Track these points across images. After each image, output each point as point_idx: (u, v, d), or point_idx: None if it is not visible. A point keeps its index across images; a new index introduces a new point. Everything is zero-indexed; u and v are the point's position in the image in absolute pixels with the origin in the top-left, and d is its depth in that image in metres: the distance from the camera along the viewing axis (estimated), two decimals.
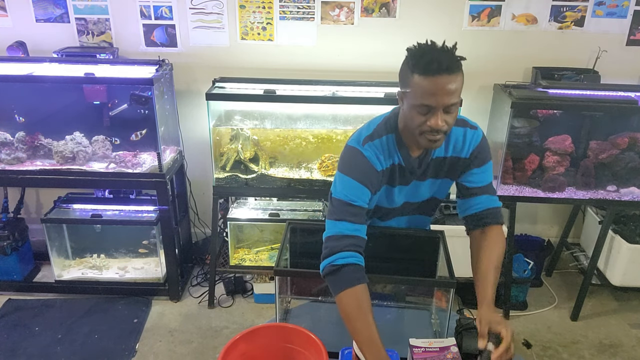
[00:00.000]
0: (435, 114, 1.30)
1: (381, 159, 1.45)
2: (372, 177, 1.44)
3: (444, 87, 1.26)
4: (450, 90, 1.27)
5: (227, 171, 2.74)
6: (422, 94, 1.28)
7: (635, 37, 2.88)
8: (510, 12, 2.83)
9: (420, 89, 1.28)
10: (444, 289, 1.54)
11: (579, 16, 2.83)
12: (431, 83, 1.26)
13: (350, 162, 1.45)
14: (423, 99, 1.29)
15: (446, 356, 1.31)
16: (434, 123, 1.30)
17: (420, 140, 1.37)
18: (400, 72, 1.37)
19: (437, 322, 1.63)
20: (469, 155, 1.49)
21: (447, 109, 1.30)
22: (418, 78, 1.28)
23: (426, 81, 1.26)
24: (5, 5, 2.86)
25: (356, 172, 1.43)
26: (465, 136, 1.48)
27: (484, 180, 1.53)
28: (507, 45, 2.89)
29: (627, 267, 2.69)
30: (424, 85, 1.27)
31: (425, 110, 1.30)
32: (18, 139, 2.79)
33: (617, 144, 2.64)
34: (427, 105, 1.29)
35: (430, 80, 1.26)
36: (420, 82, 1.27)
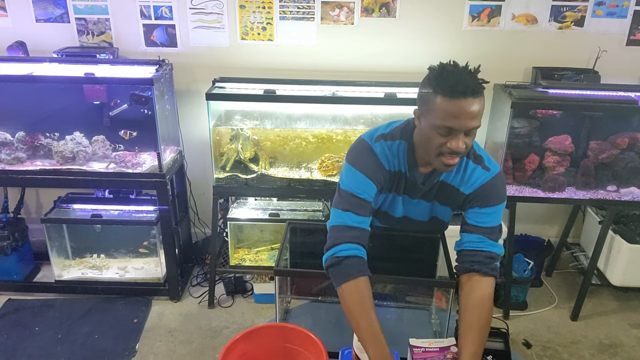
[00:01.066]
0: (456, 136, 1.29)
1: (390, 160, 1.45)
2: (380, 173, 1.44)
3: (468, 110, 1.25)
4: (474, 113, 1.26)
5: (227, 171, 2.74)
6: (446, 116, 1.26)
7: (635, 37, 2.88)
8: (510, 12, 2.83)
9: (443, 111, 1.26)
10: (444, 289, 1.54)
11: (579, 16, 2.83)
12: (456, 106, 1.25)
13: (361, 155, 1.45)
14: (446, 121, 1.27)
15: (446, 356, 1.31)
16: (455, 146, 1.29)
17: (436, 162, 1.36)
18: (420, 91, 1.35)
19: (437, 322, 1.63)
20: (470, 192, 1.46)
21: (468, 132, 1.29)
22: (442, 100, 1.26)
23: (451, 104, 1.25)
24: (5, 5, 2.86)
25: (365, 166, 1.43)
26: (473, 173, 1.45)
27: (488, 222, 1.46)
28: (507, 45, 2.89)
29: (627, 267, 2.69)
30: (448, 108, 1.26)
31: (447, 132, 1.29)
32: (18, 139, 2.79)
33: (617, 144, 2.64)
34: (449, 128, 1.28)
35: (454, 103, 1.25)
36: (444, 104, 1.26)
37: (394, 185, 1.50)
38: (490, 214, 1.46)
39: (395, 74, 2.89)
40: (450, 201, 1.52)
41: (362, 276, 1.34)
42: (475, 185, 1.45)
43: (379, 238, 1.68)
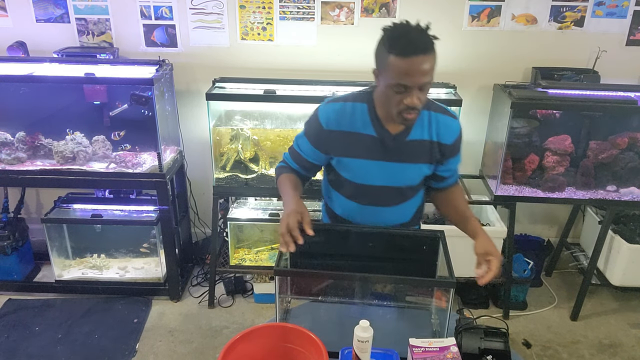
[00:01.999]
0: (411, 93, 1.38)
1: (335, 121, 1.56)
2: (319, 133, 1.58)
3: (419, 68, 1.34)
4: (425, 70, 1.35)
5: (227, 171, 2.74)
6: (399, 74, 1.35)
7: (635, 37, 2.88)
8: (510, 12, 2.83)
9: (396, 70, 1.35)
10: (444, 289, 1.53)
11: (578, 16, 2.83)
12: (407, 64, 1.33)
13: (309, 117, 1.63)
14: (400, 79, 1.36)
15: (446, 356, 1.31)
16: (410, 102, 1.39)
17: (396, 118, 1.47)
18: (376, 51, 1.44)
19: (437, 322, 1.63)
20: (452, 142, 1.60)
21: (421, 87, 1.39)
22: (394, 59, 1.34)
23: (403, 62, 1.33)
24: (5, 5, 2.86)
25: (307, 125, 1.63)
26: (447, 124, 1.58)
27: (456, 166, 1.69)
28: (507, 45, 2.89)
29: (627, 267, 2.69)
30: (400, 66, 1.34)
31: (402, 90, 1.38)
32: (18, 139, 2.79)
33: (617, 144, 2.64)
34: (403, 85, 1.37)
35: (406, 61, 1.33)
36: (396, 63, 1.34)
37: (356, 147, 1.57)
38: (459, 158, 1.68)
39: None
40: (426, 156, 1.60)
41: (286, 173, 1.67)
42: (454, 134, 1.60)
43: (379, 238, 1.68)
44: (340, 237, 1.75)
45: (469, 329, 1.44)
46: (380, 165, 1.59)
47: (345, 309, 1.67)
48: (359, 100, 1.57)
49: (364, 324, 1.28)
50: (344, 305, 1.67)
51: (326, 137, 1.58)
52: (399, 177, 1.62)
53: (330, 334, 1.40)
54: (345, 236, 1.75)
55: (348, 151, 1.59)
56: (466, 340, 1.41)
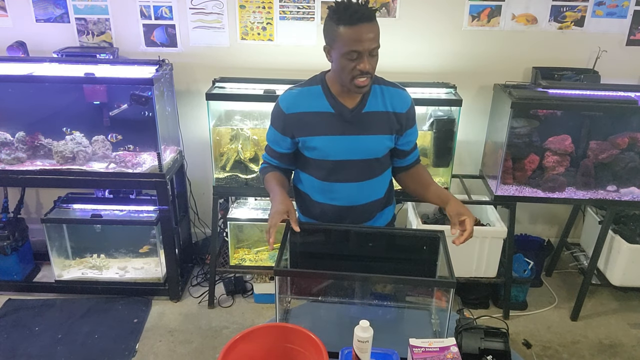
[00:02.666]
0: (362, 58, 1.52)
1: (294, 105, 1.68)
2: (282, 119, 1.70)
3: (367, 34, 1.50)
4: (372, 36, 1.51)
5: (227, 171, 2.74)
6: (350, 42, 1.50)
7: (635, 37, 2.88)
8: (510, 12, 2.83)
9: (347, 38, 1.50)
10: (444, 289, 1.54)
11: (579, 16, 2.83)
12: (356, 31, 1.49)
13: (272, 111, 1.75)
14: (351, 46, 1.50)
15: (446, 356, 1.31)
16: (363, 67, 1.52)
17: (351, 86, 1.58)
18: (325, 29, 1.60)
19: (437, 322, 1.63)
20: (406, 110, 1.71)
21: (371, 53, 1.53)
22: (344, 29, 1.50)
23: (351, 30, 1.49)
24: (5, 5, 2.86)
25: (272, 116, 1.75)
26: (400, 94, 1.72)
27: (414, 139, 1.81)
28: (507, 45, 2.89)
29: (627, 267, 2.69)
30: (350, 34, 1.49)
31: (354, 56, 1.51)
32: (18, 139, 2.79)
33: (617, 144, 2.64)
34: (355, 51, 1.50)
35: (354, 29, 1.49)
36: (346, 32, 1.50)
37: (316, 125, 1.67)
38: (416, 130, 1.80)
39: (395, 73, 2.89)
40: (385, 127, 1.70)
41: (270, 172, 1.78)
42: (407, 104, 1.72)
43: (379, 238, 1.68)
44: (340, 237, 1.76)
45: (469, 329, 1.44)
46: (341, 139, 1.68)
47: (345, 309, 1.67)
48: (313, 84, 1.72)
49: (364, 324, 1.28)
50: (344, 305, 1.67)
51: (288, 121, 1.70)
52: (362, 150, 1.70)
53: (330, 334, 1.40)
54: (345, 236, 1.75)
55: (309, 130, 1.69)
56: (466, 341, 1.41)
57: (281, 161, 1.80)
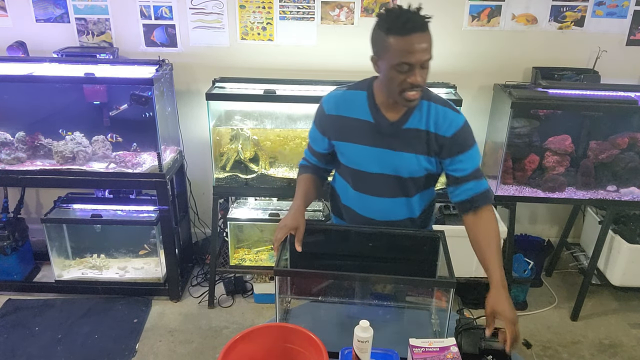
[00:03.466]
0: (413, 70, 1.40)
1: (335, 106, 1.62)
2: (322, 118, 1.66)
3: (419, 45, 1.38)
4: (424, 47, 1.39)
5: (227, 171, 2.74)
6: (401, 53, 1.38)
7: (635, 37, 2.88)
8: (510, 12, 2.83)
9: (398, 49, 1.38)
10: (444, 289, 1.54)
11: (579, 16, 2.83)
12: (408, 42, 1.37)
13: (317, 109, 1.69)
14: (402, 58, 1.39)
15: (446, 356, 1.31)
16: (414, 80, 1.41)
17: (400, 100, 1.47)
18: (373, 38, 1.47)
19: (437, 322, 1.63)
20: (451, 134, 1.54)
21: (422, 65, 1.41)
22: (395, 39, 1.38)
23: (403, 41, 1.37)
24: (5, 5, 2.86)
25: (315, 116, 1.70)
26: (447, 115, 1.55)
27: (470, 167, 1.57)
28: (507, 45, 2.89)
29: (627, 267, 2.69)
30: (401, 45, 1.38)
31: (405, 68, 1.40)
32: (18, 139, 2.79)
33: (617, 144, 2.64)
34: (406, 63, 1.39)
35: (406, 40, 1.37)
36: (397, 43, 1.38)
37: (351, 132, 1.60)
38: (473, 156, 1.58)
39: None
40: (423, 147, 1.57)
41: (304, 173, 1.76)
42: (453, 128, 1.54)
43: (379, 238, 1.68)
44: (340, 237, 1.76)
45: (469, 329, 1.44)
46: (374, 151, 1.59)
47: (345, 309, 1.67)
48: (359, 88, 1.62)
49: (364, 324, 1.28)
50: (344, 305, 1.67)
51: (327, 121, 1.64)
52: (395, 166, 1.60)
53: (330, 334, 1.40)
54: (345, 236, 1.75)
55: (344, 135, 1.63)
56: (466, 340, 1.41)
57: (319, 160, 1.76)
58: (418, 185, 1.66)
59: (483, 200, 1.58)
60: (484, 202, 1.58)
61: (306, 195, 1.69)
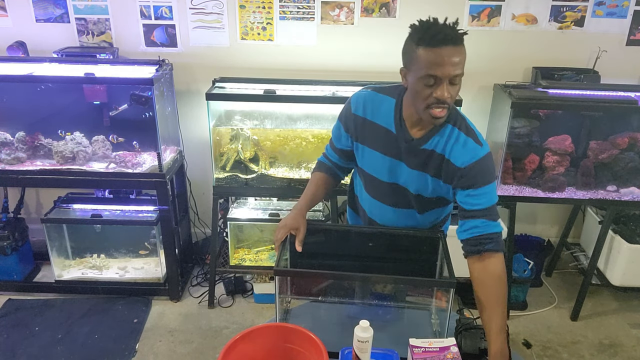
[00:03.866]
0: (441, 85, 1.33)
1: (363, 106, 1.58)
2: (347, 116, 1.62)
3: (449, 58, 1.31)
4: (455, 61, 1.31)
5: (227, 171, 2.74)
6: (429, 65, 1.32)
7: (635, 37, 2.88)
8: (510, 12, 2.83)
9: (426, 61, 1.32)
10: (444, 289, 1.54)
11: (579, 16, 2.83)
12: (437, 54, 1.30)
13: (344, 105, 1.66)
14: (429, 70, 1.32)
15: (446, 356, 1.31)
16: (440, 95, 1.33)
17: (424, 115, 1.40)
18: (404, 50, 1.41)
19: (437, 322, 1.63)
20: (464, 166, 1.45)
21: (452, 80, 1.34)
22: (424, 51, 1.32)
23: (432, 53, 1.31)
24: (5, 5, 2.86)
25: (341, 112, 1.67)
26: (466, 145, 1.46)
27: (482, 203, 1.46)
28: (507, 45, 2.89)
29: (627, 267, 2.69)
30: (430, 57, 1.31)
31: (432, 82, 1.33)
32: (18, 139, 2.79)
33: (617, 144, 2.64)
34: (433, 76, 1.32)
35: (436, 52, 1.30)
36: (426, 54, 1.32)
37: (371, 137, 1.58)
38: (487, 193, 1.46)
39: (395, 74, 2.88)
40: (439, 172, 1.51)
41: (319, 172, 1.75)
42: (468, 160, 1.44)
43: (379, 238, 1.68)
44: (340, 237, 1.76)
45: (469, 329, 1.44)
46: (388, 161, 1.57)
47: (345, 309, 1.67)
48: (390, 95, 1.55)
49: (364, 324, 1.28)
50: (344, 305, 1.67)
51: (352, 119, 1.61)
52: (405, 180, 1.57)
53: (330, 334, 1.40)
54: (345, 236, 1.75)
55: (365, 139, 1.60)
56: (466, 341, 1.41)
57: (340, 157, 1.71)
58: (427, 203, 1.62)
59: (491, 244, 1.44)
60: (492, 247, 1.44)
61: (313, 197, 1.68)
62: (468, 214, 1.47)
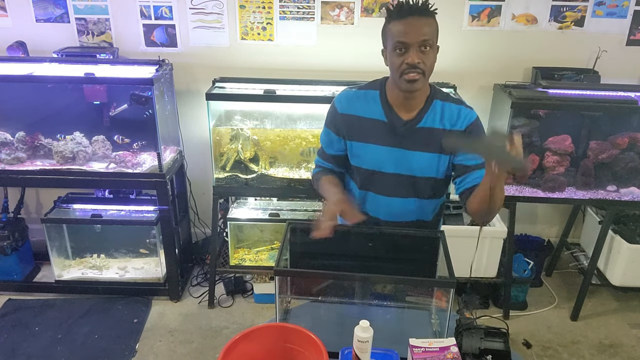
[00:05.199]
0: (410, 51, 1.46)
1: (348, 104, 1.64)
2: (334, 118, 1.66)
3: (415, 27, 1.46)
4: (421, 29, 1.46)
5: (227, 171, 2.74)
6: (397, 34, 1.47)
7: (635, 37, 2.88)
8: (510, 12, 2.83)
9: (395, 31, 1.47)
10: (444, 289, 1.54)
11: (579, 16, 2.83)
12: (404, 24, 1.46)
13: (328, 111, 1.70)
14: (398, 38, 1.46)
15: (446, 356, 1.31)
16: (411, 60, 1.46)
17: (402, 84, 1.51)
18: (381, 32, 1.56)
19: (437, 322, 1.63)
20: (464, 128, 1.59)
21: (421, 48, 1.47)
22: (393, 24, 1.49)
23: (399, 23, 1.47)
24: (5, 5, 2.86)
25: (327, 119, 1.71)
26: (460, 112, 1.61)
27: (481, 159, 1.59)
28: (507, 45, 2.89)
29: (627, 267, 2.69)
30: (398, 27, 1.47)
31: (402, 48, 1.47)
32: (18, 139, 2.79)
33: (617, 144, 2.64)
34: (402, 43, 1.46)
35: (402, 22, 1.47)
36: (395, 26, 1.48)
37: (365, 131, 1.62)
38: None
39: None
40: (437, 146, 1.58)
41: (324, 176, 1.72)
42: (467, 121, 1.60)
43: (379, 238, 1.68)
44: (340, 237, 1.75)
45: (469, 329, 1.44)
46: (389, 151, 1.60)
47: (345, 309, 1.67)
48: (372, 88, 1.64)
49: (364, 324, 1.28)
50: (344, 305, 1.67)
51: (340, 120, 1.65)
52: (409, 165, 1.61)
53: (330, 334, 1.40)
54: (345, 236, 1.75)
55: (359, 135, 1.63)
56: (466, 341, 1.41)
57: (335, 164, 1.74)
58: (431, 187, 1.66)
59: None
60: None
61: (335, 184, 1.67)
62: (470, 169, 1.59)
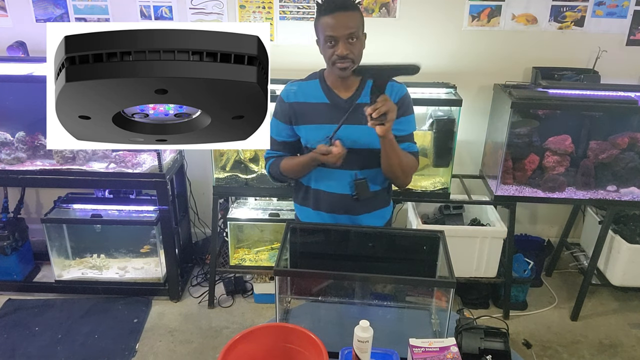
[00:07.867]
0: (338, 43, 1.64)
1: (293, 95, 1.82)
2: (283, 108, 1.84)
3: (341, 21, 1.63)
4: (347, 23, 1.63)
5: (227, 171, 2.74)
6: (327, 28, 1.65)
7: (635, 37, 2.88)
8: (510, 12, 2.83)
9: (325, 25, 1.65)
10: (444, 289, 1.54)
11: (579, 16, 2.83)
12: (332, 18, 1.63)
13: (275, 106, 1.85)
14: (327, 32, 1.64)
15: (446, 356, 1.31)
16: (340, 51, 1.65)
17: (334, 71, 1.71)
18: (314, 25, 1.73)
19: (437, 322, 1.63)
20: (396, 100, 1.76)
21: (349, 40, 1.65)
22: (323, 18, 1.66)
23: (328, 18, 1.64)
24: (5, 5, 2.86)
25: (274, 110, 1.86)
26: (392, 87, 1.79)
27: (408, 129, 1.83)
28: (507, 45, 2.89)
29: (627, 267, 2.69)
30: (327, 21, 1.64)
31: (332, 41, 1.65)
32: (18, 139, 2.79)
33: (617, 144, 2.64)
34: (331, 36, 1.64)
35: (330, 17, 1.63)
36: (324, 20, 1.65)
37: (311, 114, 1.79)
38: (410, 121, 1.84)
39: None
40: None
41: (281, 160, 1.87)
42: (399, 94, 1.80)
43: (379, 238, 1.68)
44: (340, 237, 1.76)
45: (469, 329, 1.44)
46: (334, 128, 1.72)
47: (345, 309, 1.67)
48: (312, 78, 1.85)
49: (364, 324, 1.28)
50: (344, 305, 1.67)
51: (288, 108, 1.83)
52: (354, 138, 1.75)
53: (330, 334, 1.40)
54: (345, 236, 1.75)
55: (304, 119, 1.81)
56: (466, 341, 1.41)
57: (285, 150, 1.89)
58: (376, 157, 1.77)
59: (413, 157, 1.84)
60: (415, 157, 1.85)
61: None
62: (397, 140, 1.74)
